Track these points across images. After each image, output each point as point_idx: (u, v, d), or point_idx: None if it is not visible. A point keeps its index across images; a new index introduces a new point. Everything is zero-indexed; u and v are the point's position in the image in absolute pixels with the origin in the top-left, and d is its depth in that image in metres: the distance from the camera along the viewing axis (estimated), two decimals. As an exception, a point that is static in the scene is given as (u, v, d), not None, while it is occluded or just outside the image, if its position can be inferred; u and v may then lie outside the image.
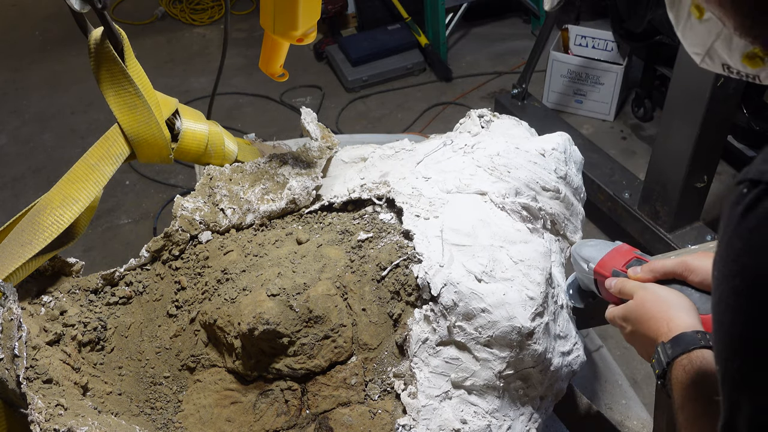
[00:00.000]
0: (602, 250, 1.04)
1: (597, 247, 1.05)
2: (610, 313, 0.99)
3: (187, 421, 1.05)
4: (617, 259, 1.02)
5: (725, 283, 0.56)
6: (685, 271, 0.94)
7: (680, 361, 0.82)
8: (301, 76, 3.74)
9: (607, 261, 1.03)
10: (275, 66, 1.29)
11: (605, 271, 1.02)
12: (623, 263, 1.01)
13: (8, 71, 3.97)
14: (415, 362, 1.02)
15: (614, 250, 1.04)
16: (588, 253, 1.05)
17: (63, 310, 1.08)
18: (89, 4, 1.02)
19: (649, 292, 0.93)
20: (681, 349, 0.83)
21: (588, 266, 1.04)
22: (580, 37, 3.29)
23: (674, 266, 0.95)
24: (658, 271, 0.96)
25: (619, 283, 0.99)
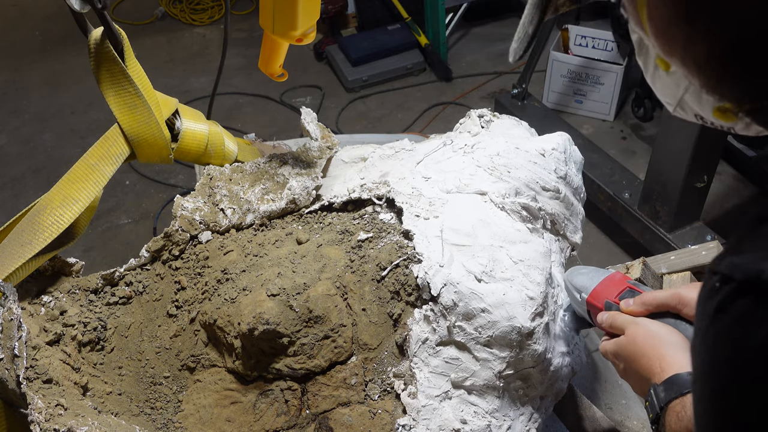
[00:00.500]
0: (594, 278, 1.01)
1: (589, 275, 1.02)
2: (603, 347, 0.96)
3: (187, 421, 1.05)
4: (610, 289, 0.98)
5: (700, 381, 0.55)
6: (679, 303, 0.90)
7: (674, 406, 0.79)
8: (301, 76, 3.74)
9: (600, 291, 0.99)
10: (275, 66, 1.29)
11: (598, 302, 0.99)
12: (616, 294, 0.97)
13: (8, 71, 3.98)
14: (415, 362, 1.02)
15: (607, 279, 1.00)
16: (580, 282, 1.02)
17: (63, 310, 1.08)
18: (89, 4, 1.02)
19: (641, 327, 0.90)
20: (674, 392, 0.79)
21: (580, 296, 1.01)
22: (580, 37, 3.30)
23: (667, 299, 0.91)
24: (650, 304, 0.93)
25: (610, 318, 0.95)
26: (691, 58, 0.53)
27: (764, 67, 0.50)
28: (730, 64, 0.51)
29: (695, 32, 0.51)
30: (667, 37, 0.54)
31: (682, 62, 0.54)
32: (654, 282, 1.21)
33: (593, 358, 1.58)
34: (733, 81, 0.52)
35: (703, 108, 0.58)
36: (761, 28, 0.47)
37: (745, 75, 0.51)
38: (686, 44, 0.52)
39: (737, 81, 0.52)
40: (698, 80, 0.54)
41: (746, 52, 0.49)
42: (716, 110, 0.57)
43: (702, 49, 0.51)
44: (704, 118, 0.60)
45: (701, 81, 0.54)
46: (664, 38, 0.54)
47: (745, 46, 0.49)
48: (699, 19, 0.50)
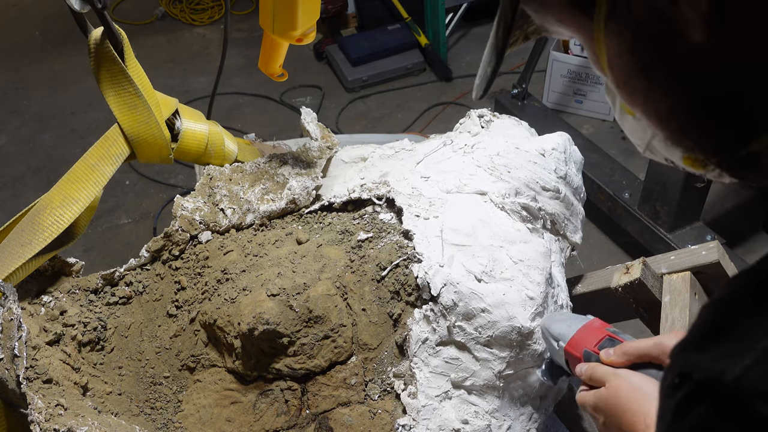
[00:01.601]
0: (572, 326, 0.96)
1: (567, 322, 0.97)
2: (581, 399, 0.89)
3: (187, 421, 1.05)
4: (588, 337, 0.94)
5: None
6: (662, 354, 0.84)
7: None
8: (301, 76, 3.74)
9: (578, 340, 0.94)
10: (275, 66, 1.29)
11: (576, 351, 0.94)
12: (594, 343, 0.93)
13: (8, 71, 3.98)
14: (415, 362, 1.02)
15: (585, 327, 0.95)
16: (557, 330, 0.97)
17: (63, 310, 1.08)
18: (89, 4, 1.02)
19: (623, 380, 0.84)
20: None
21: (558, 344, 0.96)
22: (580, 37, 3.29)
23: (649, 348, 0.85)
24: (632, 354, 0.87)
25: (589, 369, 0.89)
26: (653, 110, 0.51)
27: (729, 121, 0.47)
28: (694, 118, 0.48)
29: (655, 86, 0.49)
30: (629, 88, 0.51)
31: (645, 114, 0.52)
32: (654, 282, 1.21)
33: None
34: (698, 135, 0.50)
35: (673, 155, 0.55)
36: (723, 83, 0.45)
37: (708, 130, 0.49)
38: (647, 97, 0.50)
39: (702, 135, 0.49)
40: (662, 133, 0.52)
41: (710, 106, 0.47)
42: (685, 159, 0.53)
43: (664, 103, 0.49)
44: (675, 163, 0.57)
45: (665, 134, 0.52)
46: (625, 89, 0.52)
47: (707, 101, 0.47)
48: (658, 73, 0.48)
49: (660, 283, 1.22)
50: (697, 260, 1.19)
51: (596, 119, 3.35)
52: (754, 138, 0.47)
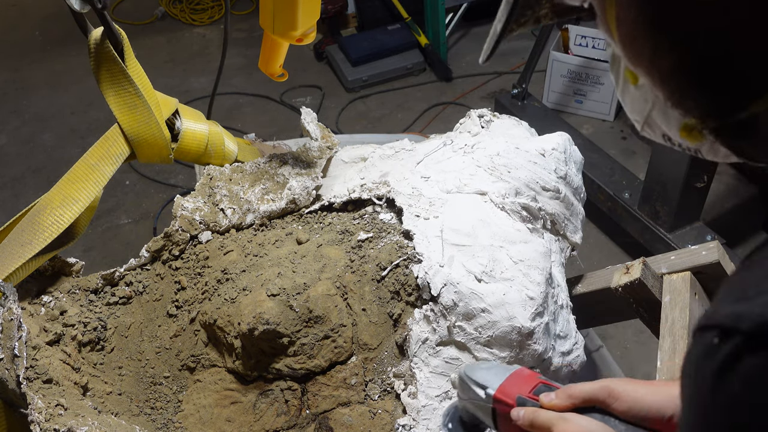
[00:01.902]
0: (500, 374, 0.87)
1: (493, 370, 0.88)
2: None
3: (187, 421, 1.05)
4: (520, 384, 0.85)
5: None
6: (609, 397, 0.79)
7: None
8: (301, 76, 3.74)
9: (509, 386, 0.85)
10: (275, 66, 1.29)
11: (508, 399, 0.84)
12: (529, 389, 0.84)
13: (8, 71, 3.98)
14: (415, 362, 1.02)
15: (515, 374, 0.87)
16: (483, 377, 0.87)
17: (63, 310, 1.08)
18: (89, 4, 1.02)
19: (571, 424, 0.78)
20: None
21: (485, 392, 0.85)
22: (580, 37, 3.30)
23: (596, 392, 0.81)
24: (576, 397, 0.81)
25: (530, 413, 0.81)
26: (656, 69, 0.51)
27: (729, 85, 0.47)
28: (695, 78, 0.49)
29: (662, 43, 0.49)
30: (635, 46, 0.52)
31: (648, 74, 0.52)
32: (654, 282, 1.21)
33: (593, 358, 1.58)
34: (697, 96, 0.50)
35: (670, 126, 0.56)
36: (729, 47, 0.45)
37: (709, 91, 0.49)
38: (653, 55, 0.51)
39: (701, 96, 0.50)
40: (663, 93, 0.52)
41: (712, 68, 0.47)
42: (682, 129, 0.54)
43: (668, 61, 0.49)
44: (671, 138, 0.58)
45: (665, 94, 0.52)
46: (631, 48, 0.53)
47: (711, 63, 0.47)
48: (666, 30, 0.48)
49: (660, 283, 1.22)
50: (697, 260, 1.19)
51: (596, 119, 3.35)
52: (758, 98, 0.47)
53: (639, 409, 0.77)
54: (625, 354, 2.23)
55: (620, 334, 2.35)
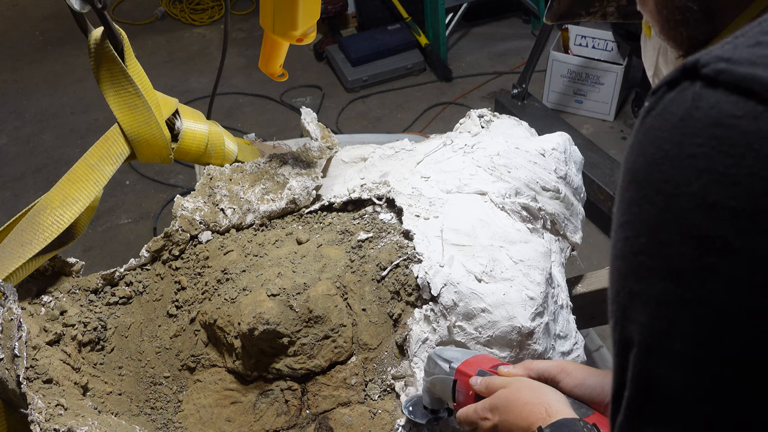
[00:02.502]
0: (467, 354, 0.96)
1: (460, 351, 0.97)
2: (470, 407, 0.86)
3: (187, 421, 1.05)
4: (484, 362, 0.92)
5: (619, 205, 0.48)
6: (561, 373, 0.85)
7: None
8: (301, 76, 3.74)
9: (473, 363, 0.92)
10: (275, 66, 1.28)
11: (470, 371, 0.91)
12: (490, 366, 0.91)
13: (8, 71, 3.98)
14: (415, 362, 1.02)
15: (480, 355, 0.95)
16: (450, 355, 0.95)
17: (63, 310, 1.08)
18: (89, 4, 1.02)
19: (523, 381, 0.84)
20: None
21: (449, 366, 0.93)
22: (580, 37, 3.30)
23: (549, 368, 0.87)
24: (532, 370, 0.88)
25: (487, 380, 0.87)
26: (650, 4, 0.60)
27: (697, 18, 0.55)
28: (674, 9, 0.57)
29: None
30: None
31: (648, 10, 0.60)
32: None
33: (593, 358, 1.59)
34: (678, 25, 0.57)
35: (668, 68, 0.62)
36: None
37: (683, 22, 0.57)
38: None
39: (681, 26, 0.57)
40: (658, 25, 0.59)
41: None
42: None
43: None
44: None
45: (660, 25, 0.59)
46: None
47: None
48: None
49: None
50: (697, 260, 1.19)
51: (596, 119, 3.35)
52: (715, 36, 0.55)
53: (585, 388, 0.83)
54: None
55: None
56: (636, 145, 0.47)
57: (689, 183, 0.42)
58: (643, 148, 0.46)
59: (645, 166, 0.45)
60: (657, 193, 0.44)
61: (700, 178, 0.42)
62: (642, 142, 0.46)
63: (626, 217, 0.47)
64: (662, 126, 0.44)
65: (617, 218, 0.48)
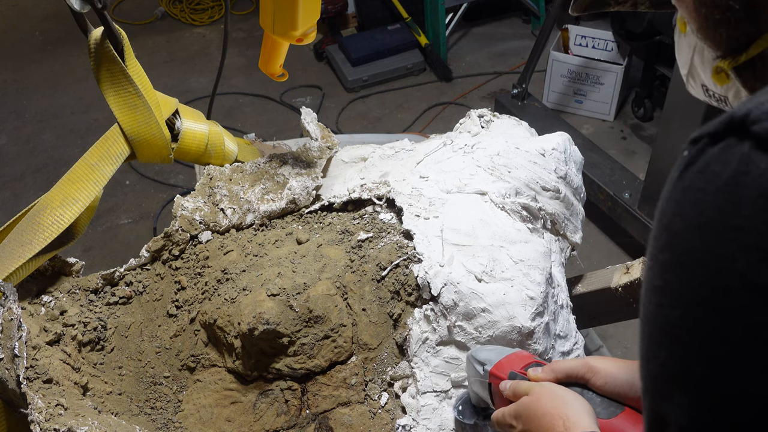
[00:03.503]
0: (501, 353, 0.96)
1: (495, 351, 0.97)
2: (500, 412, 0.88)
3: (187, 421, 1.05)
4: (515, 362, 0.93)
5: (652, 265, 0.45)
6: (588, 372, 0.85)
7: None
8: (301, 76, 3.74)
9: (505, 363, 0.93)
10: (275, 66, 1.28)
11: (501, 373, 0.92)
12: (521, 366, 0.92)
13: (8, 71, 3.98)
14: (415, 362, 1.02)
15: (513, 354, 0.95)
16: (484, 356, 0.96)
17: (63, 310, 1.08)
18: (89, 4, 1.02)
19: (545, 388, 0.84)
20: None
21: (483, 369, 0.95)
22: (580, 37, 3.30)
23: (576, 367, 0.87)
24: (559, 372, 0.87)
25: (514, 384, 0.88)
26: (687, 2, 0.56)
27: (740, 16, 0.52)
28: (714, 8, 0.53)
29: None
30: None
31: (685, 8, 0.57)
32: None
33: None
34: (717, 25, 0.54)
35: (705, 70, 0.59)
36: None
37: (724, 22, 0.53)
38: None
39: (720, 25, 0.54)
40: (695, 23, 0.56)
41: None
42: (714, 72, 0.57)
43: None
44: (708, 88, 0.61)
45: (697, 23, 0.56)
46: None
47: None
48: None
49: (660, 283, 1.21)
50: (697, 260, 1.19)
51: (596, 119, 3.35)
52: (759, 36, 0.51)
53: (614, 384, 0.82)
54: (625, 354, 2.23)
55: (620, 334, 2.35)
56: (673, 202, 0.43)
57: (734, 259, 0.38)
58: (682, 208, 0.42)
59: (683, 230, 0.42)
60: (697, 265, 0.40)
61: (747, 255, 0.38)
62: (681, 201, 0.42)
63: (660, 282, 0.44)
64: (705, 188, 0.41)
65: (649, 278, 0.45)
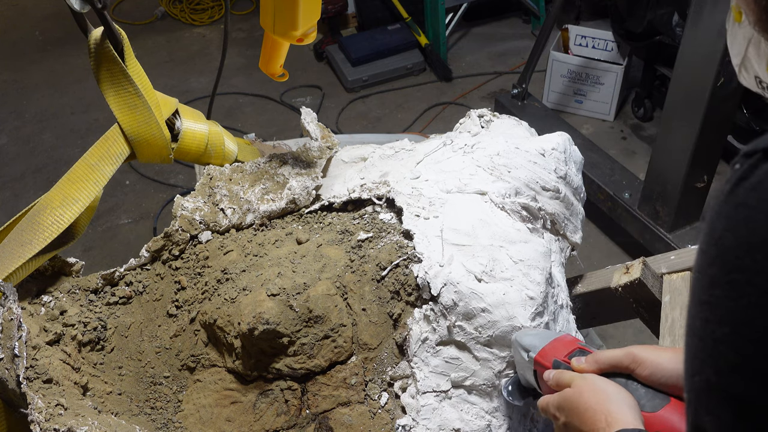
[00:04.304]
0: (544, 339, 0.96)
1: (539, 336, 0.97)
2: (544, 400, 0.88)
3: (187, 421, 1.05)
4: (559, 348, 0.93)
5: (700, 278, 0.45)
6: (632, 363, 0.84)
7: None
8: (301, 76, 3.74)
9: (549, 351, 0.93)
10: (275, 66, 1.29)
11: (546, 361, 0.93)
12: (566, 353, 0.92)
13: (8, 71, 3.98)
14: (415, 362, 1.02)
15: (557, 339, 0.95)
16: (529, 342, 0.96)
17: (63, 310, 1.08)
18: (89, 4, 1.02)
19: (588, 382, 0.83)
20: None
21: (528, 355, 0.95)
22: (580, 37, 3.30)
23: (621, 358, 0.86)
24: (602, 363, 0.86)
25: (557, 375, 0.89)
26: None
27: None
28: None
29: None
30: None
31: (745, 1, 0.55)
32: (654, 282, 1.21)
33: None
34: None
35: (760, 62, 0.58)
36: None
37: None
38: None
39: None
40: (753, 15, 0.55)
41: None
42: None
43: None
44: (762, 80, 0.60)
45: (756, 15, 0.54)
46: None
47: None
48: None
49: (660, 283, 1.22)
50: (697, 260, 1.19)
51: (596, 119, 3.35)
52: None
53: (660, 375, 0.81)
54: (625, 354, 2.23)
55: (620, 334, 2.35)
56: (724, 217, 0.43)
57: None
58: (733, 224, 0.42)
59: (734, 247, 0.42)
60: (747, 284, 0.40)
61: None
62: (732, 217, 0.42)
63: (708, 297, 0.43)
64: (758, 206, 0.41)
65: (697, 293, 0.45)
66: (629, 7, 2.79)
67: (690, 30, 2.00)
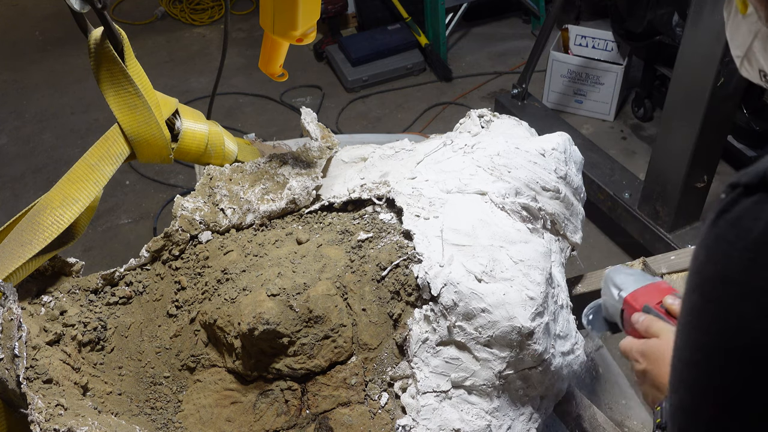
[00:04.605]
0: (639, 281, 0.94)
1: (634, 276, 0.95)
2: (628, 344, 0.89)
3: (187, 421, 1.05)
4: (653, 294, 0.91)
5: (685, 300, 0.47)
6: None
7: None
8: (301, 76, 3.74)
9: (641, 294, 0.92)
10: (275, 66, 1.29)
11: (636, 304, 0.91)
12: (658, 300, 0.90)
13: (8, 71, 3.98)
14: (415, 362, 1.02)
15: (652, 285, 0.93)
16: (622, 281, 0.95)
17: (63, 310, 1.08)
18: (89, 4, 1.02)
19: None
20: None
21: (618, 294, 0.94)
22: (580, 37, 3.30)
23: None
24: None
25: (648, 321, 0.88)
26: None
27: None
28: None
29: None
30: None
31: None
32: (654, 282, 1.21)
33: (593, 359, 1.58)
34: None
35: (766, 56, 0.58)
36: None
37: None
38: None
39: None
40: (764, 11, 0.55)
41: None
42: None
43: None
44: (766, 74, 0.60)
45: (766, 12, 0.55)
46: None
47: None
48: None
49: (660, 283, 1.21)
50: (697, 260, 1.19)
51: (596, 119, 3.35)
52: None
53: None
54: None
55: (620, 334, 2.34)
56: (705, 247, 0.44)
57: (756, 318, 0.39)
58: (712, 255, 0.43)
59: (711, 278, 0.43)
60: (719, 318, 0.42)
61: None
62: (712, 248, 0.44)
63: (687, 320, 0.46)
64: (734, 241, 0.42)
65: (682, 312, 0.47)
66: (629, 7, 2.79)
67: (690, 30, 2.00)
